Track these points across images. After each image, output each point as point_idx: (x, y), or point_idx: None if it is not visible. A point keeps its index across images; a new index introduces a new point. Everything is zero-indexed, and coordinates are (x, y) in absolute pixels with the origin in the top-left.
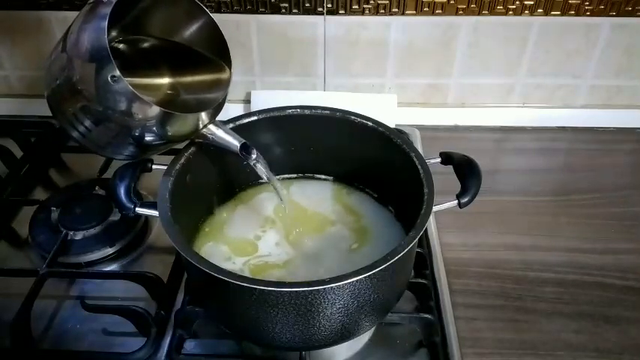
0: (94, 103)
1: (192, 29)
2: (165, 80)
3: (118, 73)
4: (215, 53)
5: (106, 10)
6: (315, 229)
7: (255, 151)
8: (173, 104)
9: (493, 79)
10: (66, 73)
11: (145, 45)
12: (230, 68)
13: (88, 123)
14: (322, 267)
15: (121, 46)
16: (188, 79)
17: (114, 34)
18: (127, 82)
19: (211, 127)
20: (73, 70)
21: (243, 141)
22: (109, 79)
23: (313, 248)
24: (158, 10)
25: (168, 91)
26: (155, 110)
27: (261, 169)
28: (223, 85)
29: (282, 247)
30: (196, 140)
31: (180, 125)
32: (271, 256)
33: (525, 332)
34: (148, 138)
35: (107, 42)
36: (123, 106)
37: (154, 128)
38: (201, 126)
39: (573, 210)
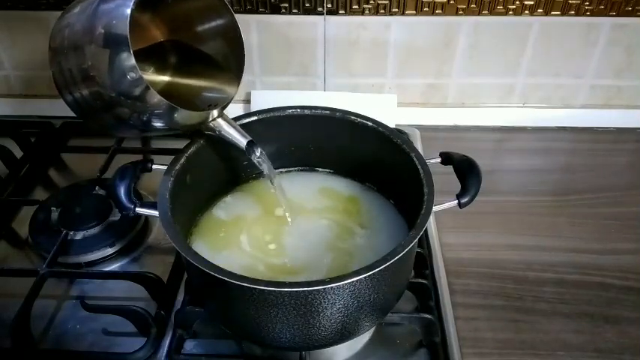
0: (105, 90)
1: (212, 25)
2: (173, 69)
3: (137, 68)
4: (229, 48)
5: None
6: (315, 220)
7: (259, 149)
8: (182, 94)
9: (493, 79)
10: (76, 55)
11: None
12: (243, 65)
13: (95, 105)
14: (323, 259)
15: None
16: (198, 69)
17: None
18: (145, 79)
19: (220, 121)
20: (84, 54)
21: (250, 139)
22: (128, 75)
23: (314, 240)
24: (181, 4)
25: (177, 80)
26: (168, 106)
27: (265, 167)
28: (234, 81)
29: (282, 241)
30: (205, 132)
31: (189, 119)
32: (272, 250)
33: (525, 332)
34: (154, 125)
35: (129, 35)
36: (135, 99)
37: (162, 118)
38: (210, 119)
39: (573, 210)
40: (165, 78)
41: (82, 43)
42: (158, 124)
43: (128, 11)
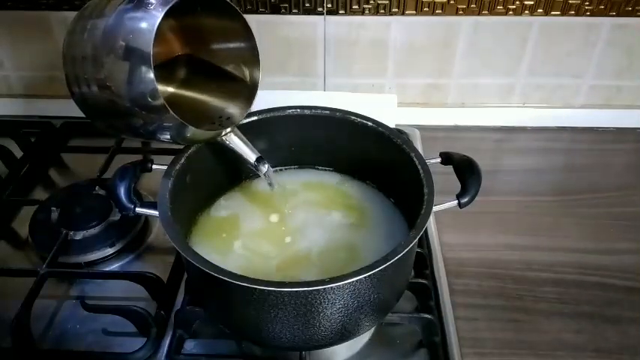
0: (119, 99)
1: (231, 46)
2: (184, 79)
3: (155, 83)
4: (244, 68)
5: (157, 14)
6: (314, 219)
7: (267, 165)
8: (191, 104)
9: (493, 79)
10: (93, 63)
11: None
12: (257, 85)
13: (106, 110)
14: (323, 258)
15: None
16: (209, 83)
17: None
18: (161, 92)
19: (231, 136)
20: (101, 64)
21: (259, 155)
22: (146, 90)
23: (313, 239)
24: (201, 19)
25: (186, 90)
26: (181, 123)
27: (270, 182)
28: (245, 99)
29: (281, 240)
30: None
31: (202, 135)
32: (271, 250)
33: (525, 332)
34: (166, 136)
35: (152, 52)
36: (150, 111)
37: (174, 132)
38: (222, 135)
39: (573, 210)
40: (175, 87)
41: (100, 53)
42: (169, 136)
43: (154, 28)
